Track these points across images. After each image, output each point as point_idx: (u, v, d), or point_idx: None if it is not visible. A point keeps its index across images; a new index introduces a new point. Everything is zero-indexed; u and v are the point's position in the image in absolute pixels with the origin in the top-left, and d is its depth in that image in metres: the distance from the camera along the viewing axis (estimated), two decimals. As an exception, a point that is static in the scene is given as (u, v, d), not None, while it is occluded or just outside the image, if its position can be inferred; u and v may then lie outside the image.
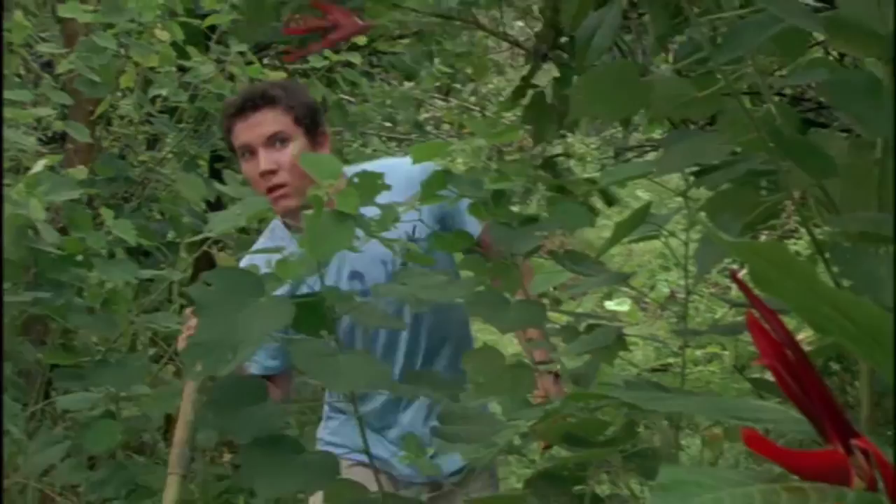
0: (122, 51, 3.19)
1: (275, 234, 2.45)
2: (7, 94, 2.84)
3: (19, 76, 3.28)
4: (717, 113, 1.47)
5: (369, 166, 2.22)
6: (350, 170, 2.22)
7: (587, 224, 1.82)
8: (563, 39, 2.43)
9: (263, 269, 1.67)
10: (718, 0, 1.44)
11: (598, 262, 1.72)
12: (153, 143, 3.91)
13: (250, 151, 2.28)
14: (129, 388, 2.29)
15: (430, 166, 2.10)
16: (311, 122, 2.33)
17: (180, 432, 1.89)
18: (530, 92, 2.55)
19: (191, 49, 3.58)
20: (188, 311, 2.07)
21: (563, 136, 2.52)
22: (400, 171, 2.13)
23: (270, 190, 2.27)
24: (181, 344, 2.04)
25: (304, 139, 2.30)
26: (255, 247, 2.44)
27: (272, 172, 2.26)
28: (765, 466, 0.83)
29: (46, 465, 2.49)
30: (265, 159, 2.26)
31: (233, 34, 3.56)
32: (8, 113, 2.58)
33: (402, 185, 1.98)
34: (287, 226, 2.39)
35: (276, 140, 2.27)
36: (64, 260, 2.48)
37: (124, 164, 3.49)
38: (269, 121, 2.28)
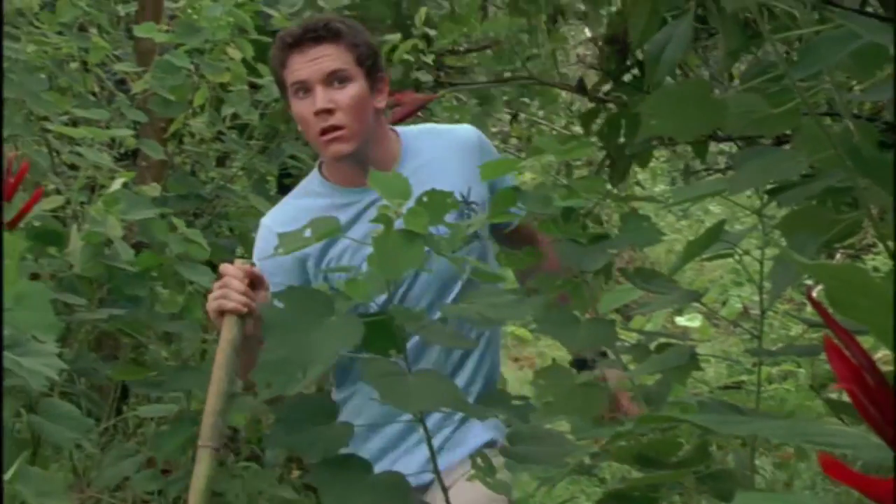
0: (195, 69, 3.24)
1: (311, 185, 2.32)
2: (83, 113, 2.91)
3: (94, 94, 3.35)
4: (793, 130, 1.46)
5: (417, 132, 2.31)
6: (405, 133, 2.30)
7: (657, 241, 1.81)
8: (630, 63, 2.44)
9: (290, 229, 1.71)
10: (793, 15, 1.43)
11: (669, 279, 1.71)
12: (223, 160, 3.97)
13: (306, 88, 2.15)
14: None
15: (477, 133, 2.30)
16: (372, 65, 2.19)
17: (212, 402, 1.81)
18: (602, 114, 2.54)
19: (262, 66, 3.63)
20: (222, 266, 2.02)
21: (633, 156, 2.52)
22: (450, 136, 2.26)
23: (324, 132, 2.15)
24: (210, 305, 1.97)
25: (364, 82, 2.17)
26: (286, 202, 2.33)
27: (329, 112, 2.14)
28: (842, 489, 0.82)
29: (120, 477, 2.54)
30: (322, 97, 2.13)
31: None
32: (84, 131, 2.64)
33: (457, 152, 2.20)
34: (325, 178, 2.29)
35: (336, 78, 2.15)
36: (138, 276, 2.53)
37: (195, 182, 3.55)
38: (330, 56, 2.15)
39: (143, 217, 2.62)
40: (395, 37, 3.58)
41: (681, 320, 6.49)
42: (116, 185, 2.52)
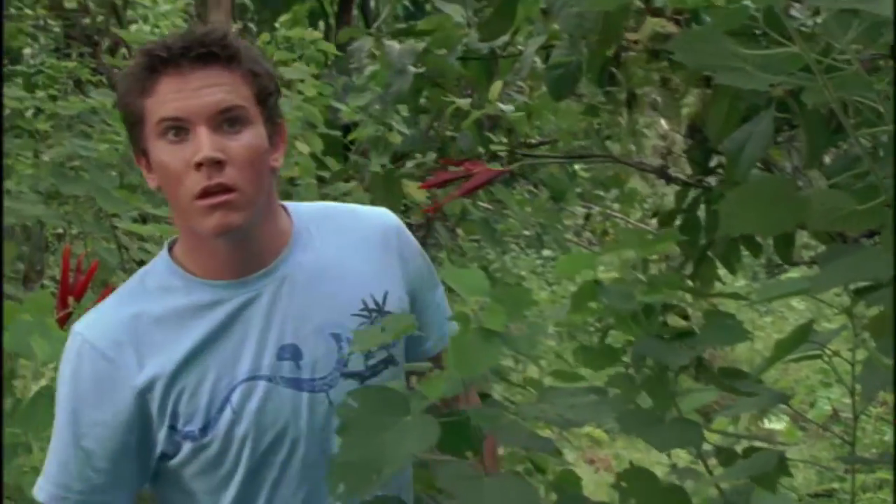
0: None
1: (157, 278, 1.72)
2: (153, 210, 3.00)
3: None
4: (880, 227, 1.48)
5: (313, 212, 1.81)
6: (303, 208, 1.81)
7: (742, 340, 1.82)
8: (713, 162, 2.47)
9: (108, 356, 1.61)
10: (878, 110, 1.46)
11: (755, 379, 1.72)
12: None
13: (180, 128, 1.59)
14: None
15: (395, 222, 1.83)
16: (273, 106, 1.69)
17: None
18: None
19: (330, 160, 3.73)
20: None
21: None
22: (359, 224, 1.80)
23: (207, 193, 1.58)
24: None
25: (263, 128, 1.65)
26: (115, 305, 1.73)
27: (218, 165, 1.58)
28: None
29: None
30: (210, 143, 1.57)
31: (374, 147, 3.70)
32: (153, 228, 2.73)
33: (368, 245, 1.77)
34: (180, 266, 1.72)
35: (228, 119, 1.60)
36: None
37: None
38: (224, 86, 1.60)
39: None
40: (465, 101, 3.60)
41: (766, 422, 6.40)
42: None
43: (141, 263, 3.27)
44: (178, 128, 1.60)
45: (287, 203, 1.80)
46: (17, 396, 2.18)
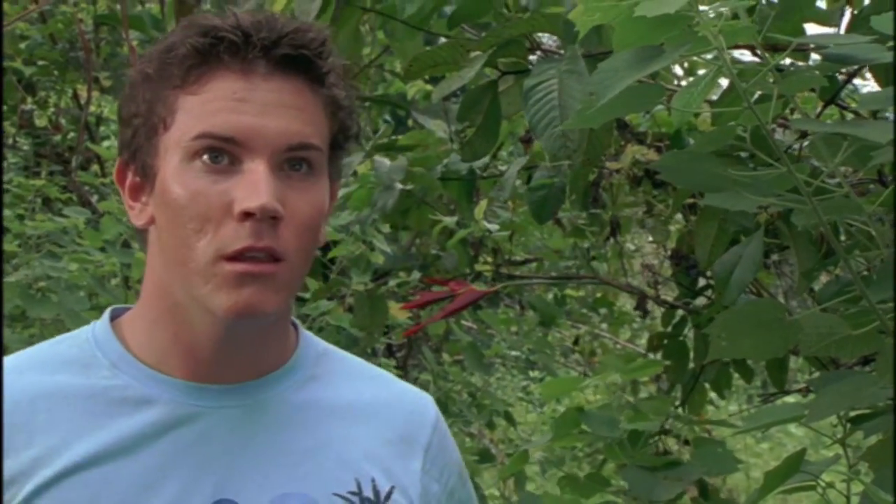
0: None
1: (83, 350, 1.23)
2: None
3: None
4: (874, 353, 1.49)
5: (328, 348, 1.33)
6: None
7: (734, 470, 1.82)
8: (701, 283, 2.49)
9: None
10: (869, 234, 1.48)
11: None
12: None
13: (228, 152, 1.13)
14: None
15: (434, 412, 1.34)
16: (340, 152, 1.24)
17: None
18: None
19: (310, 281, 3.73)
20: None
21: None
22: (388, 393, 1.32)
23: (240, 256, 1.12)
24: None
25: (328, 183, 1.21)
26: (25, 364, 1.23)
27: (273, 222, 1.13)
28: None
29: None
30: (270, 187, 1.12)
31: (354, 265, 3.71)
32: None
33: (391, 427, 1.28)
34: (127, 348, 1.22)
35: (293, 160, 1.16)
36: None
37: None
38: (303, 112, 1.16)
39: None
40: (451, 220, 3.60)
41: (764, 554, 6.31)
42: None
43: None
44: (225, 152, 1.13)
45: (296, 319, 1.32)
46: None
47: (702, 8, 1.33)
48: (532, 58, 2.14)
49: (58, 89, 4.81)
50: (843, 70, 1.86)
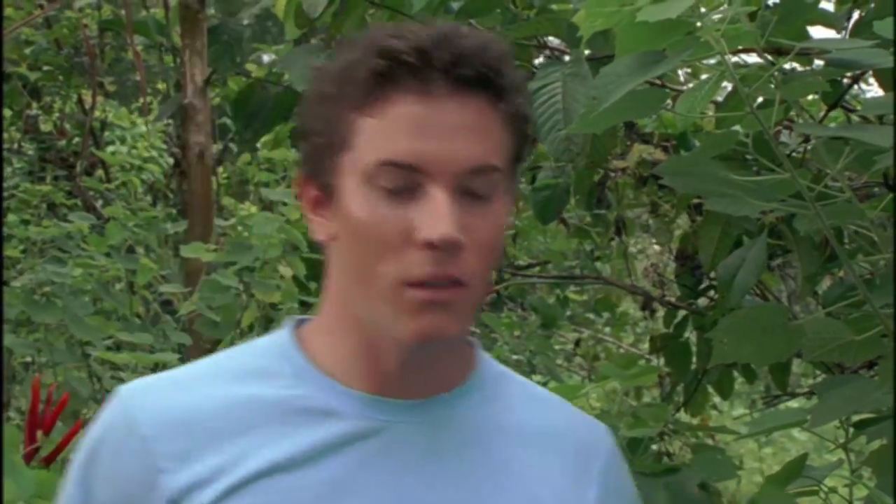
0: (244, 288, 3.35)
1: (266, 362, 1.24)
2: (127, 337, 3.00)
3: (139, 316, 3.46)
4: (878, 357, 1.49)
5: (505, 369, 1.32)
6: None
7: (732, 475, 1.82)
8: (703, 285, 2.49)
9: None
10: (872, 239, 1.48)
11: (752, 517, 1.71)
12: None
13: (410, 178, 1.12)
14: None
15: (607, 439, 1.31)
16: (519, 164, 1.22)
17: None
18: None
19: (313, 284, 3.74)
20: None
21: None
22: (570, 419, 1.31)
23: (429, 285, 1.12)
24: None
25: (507, 199, 1.20)
26: (195, 377, 1.25)
27: (455, 249, 1.12)
28: None
29: None
30: (453, 216, 1.11)
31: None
32: (128, 357, 2.73)
33: (571, 454, 1.26)
34: (308, 359, 1.23)
35: (477, 185, 1.14)
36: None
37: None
38: (486, 132, 1.14)
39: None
40: None
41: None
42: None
43: (114, 393, 3.25)
44: (406, 177, 1.12)
45: (472, 338, 1.32)
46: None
47: (703, 11, 1.33)
48: (536, 61, 2.15)
49: (62, 94, 4.81)
50: (849, 74, 1.87)
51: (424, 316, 1.12)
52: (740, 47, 1.51)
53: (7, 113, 4.58)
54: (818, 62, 1.72)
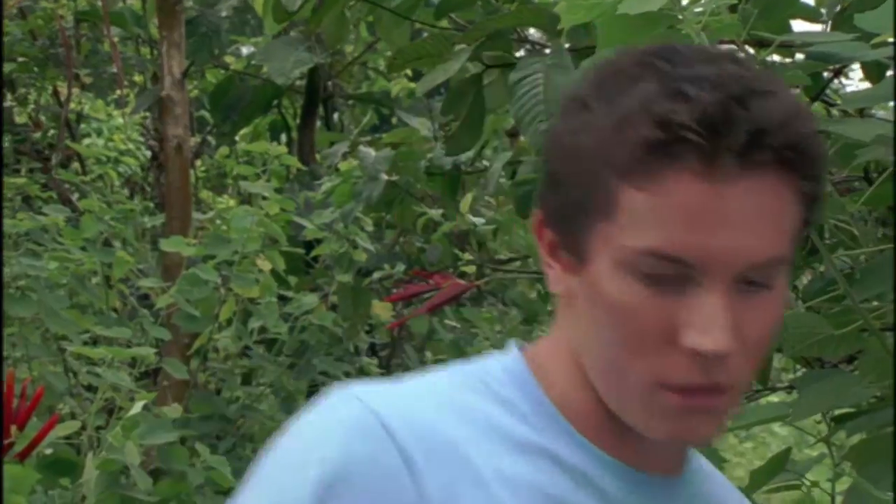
0: (222, 281, 3.34)
1: (508, 394, 1.05)
2: (103, 331, 2.99)
3: (116, 311, 3.45)
4: (858, 352, 1.50)
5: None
6: None
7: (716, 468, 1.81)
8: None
9: None
10: (853, 233, 1.49)
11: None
12: (249, 377, 4.03)
13: (679, 272, 0.94)
14: None
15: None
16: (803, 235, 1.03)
17: None
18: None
19: (292, 278, 3.73)
20: None
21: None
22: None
23: (688, 389, 0.97)
24: None
25: (787, 282, 1.02)
26: (445, 384, 1.07)
27: (722, 359, 0.96)
28: None
29: None
30: (729, 325, 0.94)
31: (337, 263, 3.71)
32: (104, 351, 2.71)
33: None
34: (552, 401, 1.06)
35: (757, 277, 0.96)
36: (158, 506, 2.56)
37: (219, 401, 3.60)
38: (774, 218, 0.95)
39: (162, 441, 2.66)
40: (437, 212, 3.59)
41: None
42: (136, 407, 2.57)
43: (90, 389, 3.23)
44: (675, 269, 0.94)
45: None
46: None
47: (685, 4, 1.33)
48: (518, 54, 2.14)
49: (38, 86, 4.79)
50: (831, 67, 1.87)
51: (682, 420, 0.99)
52: (722, 40, 1.51)
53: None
54: (799, 56, 1.72)
